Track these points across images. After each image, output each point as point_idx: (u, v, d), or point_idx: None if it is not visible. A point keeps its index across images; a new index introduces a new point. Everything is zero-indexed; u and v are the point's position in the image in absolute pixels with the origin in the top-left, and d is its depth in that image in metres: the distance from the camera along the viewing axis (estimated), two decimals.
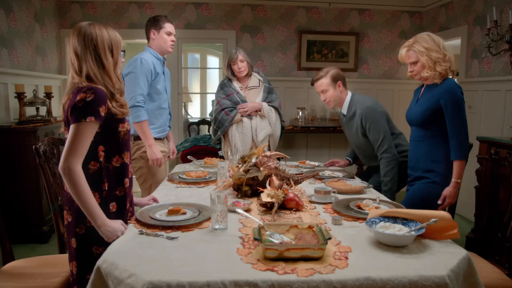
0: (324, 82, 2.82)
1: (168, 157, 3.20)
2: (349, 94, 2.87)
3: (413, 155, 2.49)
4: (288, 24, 5.41)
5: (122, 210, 1.78)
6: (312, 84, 2.91)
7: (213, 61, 8.41)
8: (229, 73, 3.31)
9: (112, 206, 1.74)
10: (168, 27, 2.93)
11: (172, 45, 2.98)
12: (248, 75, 3.35)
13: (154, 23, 2.92)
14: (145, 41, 3.06)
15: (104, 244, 1.64)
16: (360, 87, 5.57)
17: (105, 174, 1.72)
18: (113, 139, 1.73)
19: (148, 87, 2.86)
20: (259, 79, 3.39)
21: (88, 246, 1.69)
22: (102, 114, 1.64)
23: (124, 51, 1.85)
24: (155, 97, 2.94)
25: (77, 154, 1.59)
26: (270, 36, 5.41)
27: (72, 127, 1.60)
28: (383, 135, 2.68)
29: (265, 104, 3.27)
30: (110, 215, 1.71)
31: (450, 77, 2.40)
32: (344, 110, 2.87)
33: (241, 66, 3.24)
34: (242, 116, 3.23)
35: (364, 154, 2.90)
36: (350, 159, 3.12)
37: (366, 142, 2.77)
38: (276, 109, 3.32)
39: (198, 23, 5.30)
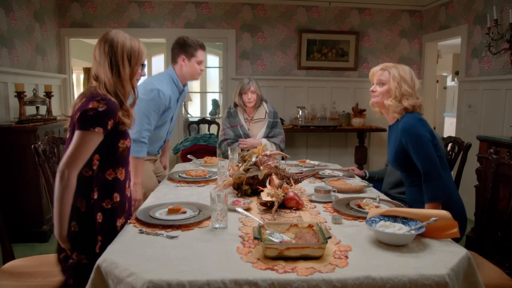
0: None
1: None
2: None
3: (408, 201, 2.30)
4: (288, 23, 5.41)
5: (111, 225, 1.74)
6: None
7: (213, 60, 8.41)
8: (240, 101, 3.40)
9: (99, 217, 1.71)
10: (200, 55, 2.73)
11: (200, 73, 2.81)
12: (256, 106, 3.44)
13: (184, 48, 2.69)
14: (144, 40, 3.02)
15: (84, 253, 1.66)
16: (360, 86, 5.58)
17: (96, 183, 1.70)
18: (110, 152, 1.72)
19: (157, 120, 2.68)
20: (266, 112, 3.46)
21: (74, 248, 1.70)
22: (109, 127, 1.65)
23: (143, 64, 1.84)
24: (156, 128, 2.76)
25: (78, 162, 1.60)
26: (270, 35, 5.41)
27: (78, 133, 1.60)
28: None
29: (264, 141, 3.34)
30: (97, 226, 1.70)
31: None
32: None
33: (251, 97, 3.34)
34: (242, 150, 3.30)
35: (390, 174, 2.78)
36: (366, 172, 3.06)
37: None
38: (276, 145, 3.40)
39: (198, 22, 5.30)
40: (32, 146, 2.15)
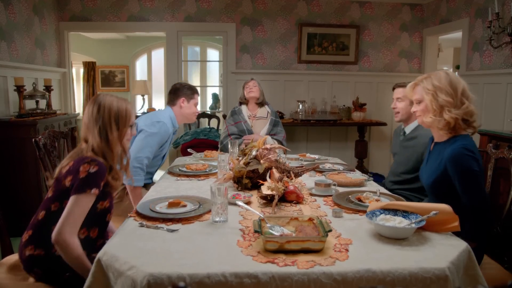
0: (404, 91, 2.59)
1: None
2: None
3: None
4: (289, 16, 5.38)
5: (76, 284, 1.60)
6: (393, 89, 2.80)
7: (213, 54, 8.38)
8: (243, 96, 3.60)
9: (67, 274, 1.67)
10: (197, 98, 2.98)
11: (196, 115, 3.03)
12: (258, 102, 3.60)
13: (184, 91, 2.91)
14: (144, 34, 3.04)
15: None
16: (361, 80, 5.57)
17: None
18: (87, 213, 1.66)
19: (155, 151, 2.75)
20: (268, 111, 3.63)
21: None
22: (101, 188, 1.65)
23: (131, 125, 1.85)
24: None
25: (74, 226, 1.58)
26: (271, 29, 5.38)
27: (74, 198, 1.59)
28: None
29: (269, 138, 3.38)
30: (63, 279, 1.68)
31: (469, 133, 1.92)
32: (408, 130, 2.72)
33: (253, 87, 3.54)
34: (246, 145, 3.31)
35: (398, 174, 2.73)
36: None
37: (411, 167, 2.60)
38: (279, 141, 3.49)
39: (198, 15, 5.27)
40: (33, 140, 2.14)
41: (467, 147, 1.79)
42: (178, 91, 2.92)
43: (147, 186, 2.83)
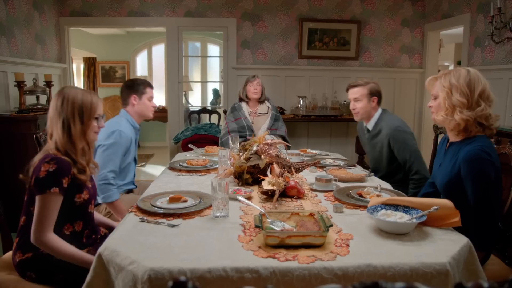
0: (360, 91, 2.70)
1: None
2: (379, 111, 2.74)
3: None
4: (289, 12, 5.36)
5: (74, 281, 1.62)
6: (347, 90, 2.81)
7: (214, 50, 8.35)
8: (244, 93, 3.61)
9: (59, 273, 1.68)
10: (150, 92, 2.76)
11: (153, 110, 2.80)
12: (259, 101, 3.63)
13: (134, 87, 2.71)
14: (144, 29, 3.02)
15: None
16: (362, 76, 5.54)
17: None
18: (66, 208, 1.67)
19: (120, 159, 2.59)
20: (268, 107, 3.66)
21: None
22: (65, 185, 1.64)
23: (97, 117, 1.80)
24: (121, 174, 2.66)
25: (44, 226, 1.59)
26: (271, 24, 5.36)
27: (37, 198, 1.60)
28: (414, 156, 2.52)
29: (268, 137, 3.34)
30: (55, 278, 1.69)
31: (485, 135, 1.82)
32: (370, 126, 2.74)
33: (257, 88, 3.54)
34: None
35: (378, 170, 2.76)
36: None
37: (386, 161, 2.65)
38: (282, 137, 3.52)
39: (199, 10, 5.25)
40: (34, 136, 2.14)
41: (484, 149, 1.70)
42: (128, 89, 2.72)
43: (134, 191, 2.78)
